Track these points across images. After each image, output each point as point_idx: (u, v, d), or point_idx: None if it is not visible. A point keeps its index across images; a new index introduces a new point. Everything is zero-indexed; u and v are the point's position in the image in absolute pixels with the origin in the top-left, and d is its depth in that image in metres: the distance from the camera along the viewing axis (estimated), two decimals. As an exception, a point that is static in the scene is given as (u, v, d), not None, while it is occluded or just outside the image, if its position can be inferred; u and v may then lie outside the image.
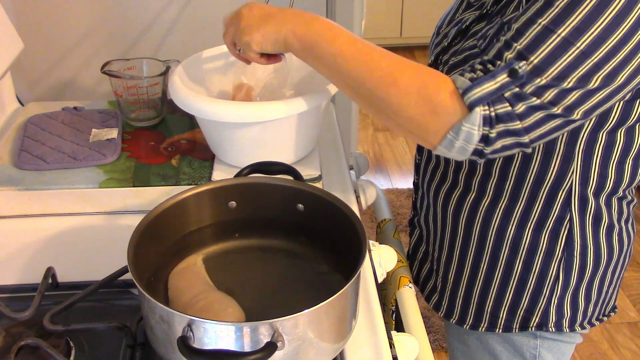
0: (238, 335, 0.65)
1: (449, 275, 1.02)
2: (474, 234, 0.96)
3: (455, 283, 1.02)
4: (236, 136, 1.00)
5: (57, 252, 0.96)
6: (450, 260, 1.01)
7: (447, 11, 1.03)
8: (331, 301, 0.67)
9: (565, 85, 0.73)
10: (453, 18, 0.98)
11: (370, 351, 0.78)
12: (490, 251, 0.95)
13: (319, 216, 0.83)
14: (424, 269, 1.10)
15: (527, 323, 0.97)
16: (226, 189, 0.86)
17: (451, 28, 0.96)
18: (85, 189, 1.01)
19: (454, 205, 0.97)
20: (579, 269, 0.93)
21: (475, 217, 0.95)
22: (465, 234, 0.97)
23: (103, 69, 1.15)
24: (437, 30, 1.02)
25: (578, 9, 0.72)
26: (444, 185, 0.98)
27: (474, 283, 0.99)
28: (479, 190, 0.94)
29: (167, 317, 0.66)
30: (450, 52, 0.91)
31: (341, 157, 1.14)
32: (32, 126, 1.15)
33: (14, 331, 0.78)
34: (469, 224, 0.96)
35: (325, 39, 0.83)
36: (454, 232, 0.99)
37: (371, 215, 2.46)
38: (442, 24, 1.00)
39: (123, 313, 0.84)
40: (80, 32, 1.30)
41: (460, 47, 0.90)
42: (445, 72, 0.86)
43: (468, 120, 0.75)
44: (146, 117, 1.18)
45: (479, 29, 0.87)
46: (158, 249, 0.81)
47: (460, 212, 0.96)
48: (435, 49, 0.98)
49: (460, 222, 0.97)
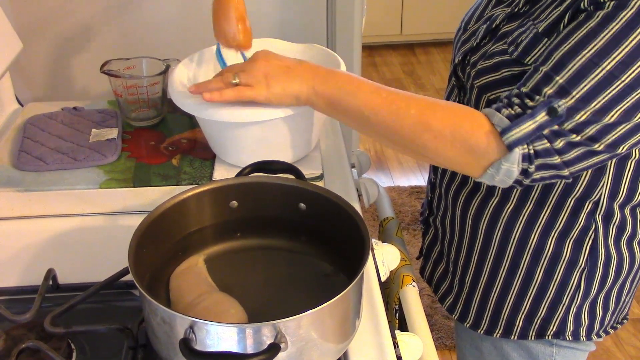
0: (240, 336, 0.64)
1: (466, 278, 1.00)
2: (495, 239, 0.94)
3: (472, 287, 1.00)
4: (237, 135, 0.99)
5: (57, 253, 0.96)
6: (468, 264, 0.99)
7: (474, 5, 0.99)
8: (334, 301, 0.66)
9: (608, 120, 0.72)
10: (482, 14, 0.94)
11: (374, 351, 0.77)
12: (510, 257, 0.93)
13: (321, 215, 0.83)
14: (439, 270, 1.08)
15: (544, 331, 0.95)
16: (227, 188, 0.85)
17: (480, 25, 0.92)
18: (85, 190, 1.00)
19: (474, 209, 0.95)
20: (600, 279, 0.91)
21: (496, 223, 0.93)
22: (485, 239, 0.95)
23: (102, 69, 1.14)
24: (464, 26, 0.98)
25: (625, 41, 0.70)
26: (464, 188, 0.96)
27: (491, 288, 0.97)
28: (503, 196, 0.91)
29: (169, 318, 0.66)
30: (479, 53, 0.88)
31: (343, 156, 1.13)
32: (32, 127, 1.14)
33: (15, 334, 0.78)
34: (489, 228, 0.94)
35: (348, 93, 0.82)
36: (474, 235, 0.96)
37: (373, 213, 2.45)
38: (470, 20, 0.96)
39: (124, 315, 0.84)
40: (79, 31, 1.30)
41: (489, 48, 0.87)
42: (473, 75, 0.88)
43: (507, 159, 0.75)
44: (146, 117, 1.17)
45: (510, 30, 0.84)
46: (159, 249, 0.80)
47: (481, 216, 0.94)
48: (462, 46, 0.95)
49: (481, 226, 0.95)
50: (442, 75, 3.77)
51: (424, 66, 3.89)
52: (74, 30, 1.30)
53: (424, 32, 4.02)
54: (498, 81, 0.84)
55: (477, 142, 0.76)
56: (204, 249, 0.83)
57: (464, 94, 0.93)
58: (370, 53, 3.92)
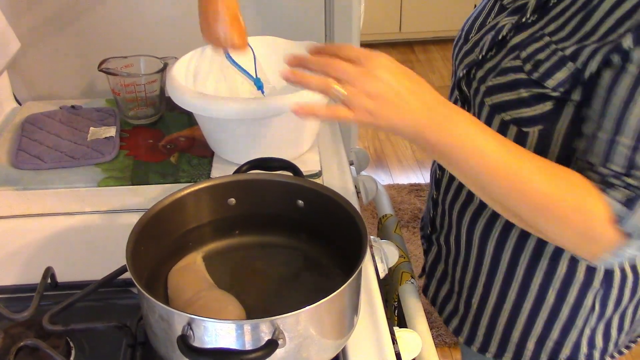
0: (239, 333, 0.64)
1: (473, 299, 0.96)
2: (503, 261, 0.89)
3: (480, 309, 0.95)
4: (235, 133, 0.99)
5: (55, 251, 0.96)
6: (475, 285, 0.94)
7: (474, 12, 0.93)
8: (332, 298, 0.66)
9: None
10: (484, 23, 0.88)
11: (373, 347, 0.77)
12: (520, 279, 0.88)
13: (320, 212, 0.82)
14: (443, 289, 1.04)
15: (556, 355, 0.91)
16: (225, 185, 0.85)
17: (483, 35, 0.86)
18: (83, 188, 1.00)
19: (481, 228, 0.90)
20: (615, 300, 0.87)
21: (505, 243, 0.88)
22: (493, 260, 0.90)
23: (100, 67, 1.14)
24: (464, 35, 0.91)
25: None
26: (470, 206, 0.91)
27: (500, 310, 0.92)
28: None
29: (167, 315, 0.66)
30: (487, 67, 0.82)
31: (341, 153, 1.13)
32: (30, 125, 1.14)
33: (13, 332, 0.78)
34: (497, 249, 0.89)
35: (466, 152, 0.68)
36: (480, 255, 0.92)
37: (372, 211, 2.45)
38: (471, 29, 0.90)
39: (123, 312, 0.84)
40: (77, 30, 1.30)
41: (499, 63, 0.80)
42: (483, 92, 0.81)
43: (630, 246, 0.70)
44: (144, 115, 1.17)
45: (521, 44, 0.78)
46: (157, 247, 0.80)
47: (489, 236, 0.89)
48: (464, 58, 0.89)
49: (488, 246, 0.90)
50: (441, 74, 3.77)
51: (423, 64, 3.88)
52: (72, 28, 1.30)
53: (423, 30, 4.02)
54: (514, 102, 0.78)
55: (600, 230, 0.70)
56: (202, 247, 0.83)
57: (468, 108, 0.87)
58: (369, 51, 3.92)
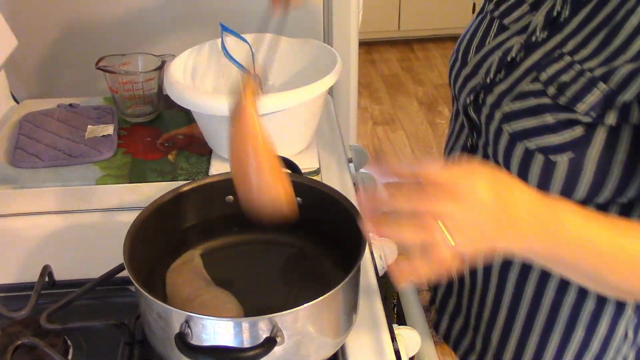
0: (237, 331, 0.64)
1: (492, 336, 0.89)
2: (526, 293, 0.83)
3: (501, 345, 0.88)
4: (233, 130, 0.99)
5: (53, 250, 0.95)
6: (494, 320, 0.88)
7: (467, 32, 0.87)
8: (331, 295, 0.66)
9: None
10: (483, 44, 0.82)
11: (372, 345, 0.77)
12: (546, 314, 0.82)
13: (318, 209, 0.82)
14: (456, 325, 0.98)
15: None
16: (224, 183, 0.84)
17: (485, 57, 0.80)
18: (81, 186, 1.00)
19: (500, 260, 0.83)
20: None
21: (528, 275, 0.82)
22: (515, 293, 0.84)
23: (98, 65, 1.14)
24: (461, 57, 0.85)
25: None
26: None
27: (524, 347, 0.86)
28: None
29: (165, 313, 0.65)
30: (498, 91, 0.76)
31: (340, 150, 1.12)
32: (27, 124, 1.14)
33: (11, 330, 0.78)
34: (519, 286, 0.83)
35: (586, 250, 0.61)
36: (500, 289, 0.85)
37: (371, 209, 2.44)
38: (468, 50, 0.84)
39: (121, 311, 0.83)
40: (75, 28, 1.29)
41: (514, 86, 0.74)
42: (500, 118, 0.74)
43: None
44: (142, 113, 1.17)
45: (536, 64, 0.73)
46: (155, 245, 0.80)
47: (510, 268, 0.83)
48: (466, 82, 0.83)
49: (509, 278, 0.84)
50: (440, 72, 3.76)
51: (422, 62, 3.88)
52: (69, 26, 1.30)
53: (422, 28, 4.02)
54: (539, 128, 0.71)
55: None
56: (200, 244, 0.83)
57: (477, 134, 0.82)
58: (367, 49, 3.92)
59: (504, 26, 0.80)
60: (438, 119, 3.32)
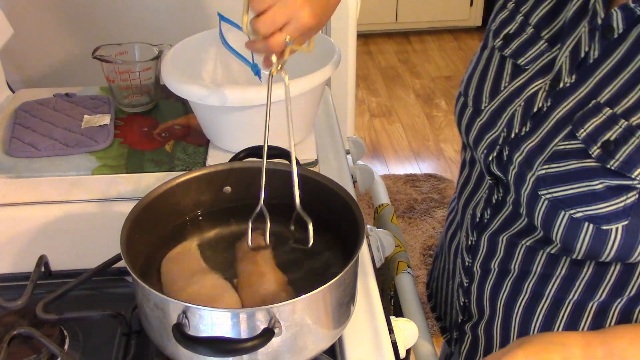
0: (234, 321, 0.63)
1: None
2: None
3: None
4: (231, 120, 0.98)
5: (49, 240, 0.95)
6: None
7: (473, 71, 0.78)
8: (329, 286, 0.66)
9: None
10: (497, 88, 0.73)
11: (370, 337, 0.77)
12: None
13: (316, 200, 0.82)
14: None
15: None
16: (221, 173, 0.84)
17: (503, 105, 0.72)
18: (77, 176, 0.99)
19: (542, 317, 0.78)
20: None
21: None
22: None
23: (94, 54, 1.13)
24: (473, 103, 0.76)
25: None
26: (520, 296, 0.79)
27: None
28: (577, 306, 0.74)
29: (162, 304, 0.65)
30: (526, 148, 0.68)
31: (338, 141, 1.12)
32: (23, 113, 1.13)
33: (6, 320, 0.77)
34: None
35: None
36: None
37: (368, 201, 2.45)
38: (479, 95, 0.75)
39: (117, 301, 0.83)
40: (71, 16, 1.28)
41: (546, 143, 0.66)
42: (534, 183, 0.66)
43: None
44: (139, 103, 1.16)
45: (568, 116, 0.65)
46: (152, 235, 0.79)
47: (553, 322, 0.77)
48: (483, 134, 0.74)
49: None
50: (437, 64, 3.76)
51: (419, 54, 3.88)
52: (66, 15, 1.29)
53: (419, 21, 4.01)
54: (586, 197, 0.63)
55: None
56: (198, 234, 0.83)
57: (504, 190, 0.74)
58: (365, 41, 3.91)
59: (519, 67, 0.72)
60: (435, 112, 3.31)
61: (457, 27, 4.10)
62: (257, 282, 0.73)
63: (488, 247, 0.79)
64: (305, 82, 0.94)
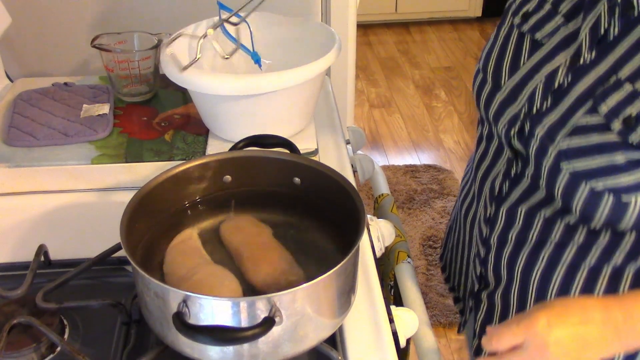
0: (235, 310, 0.63)
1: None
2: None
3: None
4: (230, 110, 0.98)
5: (49, 229, 0.95)
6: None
7: (492, 46, 0.80)
8: (329, 275, 0.66)
9: None
10: (516, 64, 0.75)
11: (370, 326, 0.77)
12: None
13: (316, 189, 0.82)
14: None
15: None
16: (221, 162, 0.84)
17: (523, 81, 0.74)
18: (77, 166, 0.99)
19: (559, 279, 0.79)
20: None
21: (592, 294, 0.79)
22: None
23: (93, 43, 1.12)
24: (492, 78, 0.78)
25: None
26: (538, 263, 0.80)
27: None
28: (614, 274, 0.75)
29: (162, 293, 0.65)
30: (548, 122, 0.70)
31: (338, 131, 1.12)
32: (22, 102, 1.12)
33: (6, 310, 0.77)
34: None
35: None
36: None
37: (367, 191, 2.44)
38: (499, 71, 0.77)
39: (117, 290, 0.83)
40: (70, 5, 1.27)
41: (567, 118, 0.68)
42: (556, 156, 0.69)
43: None
44: (138, 92, 1.16)
45: (589, 92, 0.67)
46: (152, 224, 0.79)
47: (571, 284, 0.78)
48: (503, 110, 0.76)
49: (571, 296, 0.79)
50: (437, 54, 3.75)
51: (418, 45, 3.86)
52: (64, 3, 1.28)
53: (419, 11, 3.99)
54: (607, 168, 0.66)
55: None
56: (198, 223, 0.82)
57: (523, 163, 0.76)
58: (365, 32, 3.90)
59: (537, 42, 0.74)
60: (434, 102, 3.30)
61: (457, 18, 4.09)
62: (262, 255, 0.74)
63: (506, 218, 0.80)
64: (305, 71, 0.94)
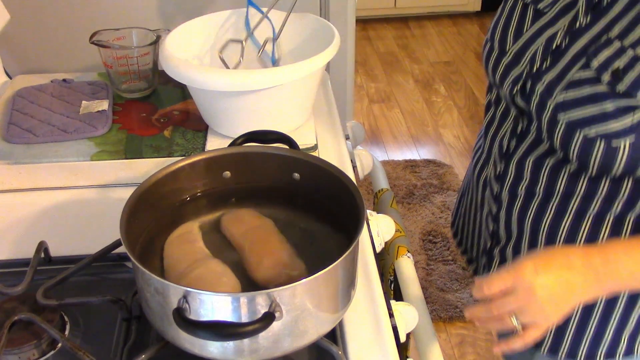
0: (235, 306, 0.63)
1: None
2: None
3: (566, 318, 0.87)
4: (230, 105, 0.98)
5: (49, 226, 0.95)
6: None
7: (499, 18, 0.87)
8: (329, 270, 0.66)
9: None
10: (520, 31, 0.83)
11: (370, 321, 0.77)
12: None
13: (316, 185, 0.82)
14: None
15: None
16: (220, 158, 0.84)
17: (526, 45, 0.81)
18: (76, 162, 0.99)
19: (567, 228, 0.84)
20: None
21: (595, 241, 0.83)
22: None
23: (92, 39, 1.12)
24: (499, 45, 0.86)
25: None
26: (546, 213, 0.85)
27: (590, 316, 0.86)
28: (618, 219, 0.81)
29: (162, 288, 0.65)
30: (546, 79, 0.78)
31: (337, 126, 1.12)
32: (21, 99, 1.12)
33: (7, 306, 0.77)
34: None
35: (636, 283, 0.75)
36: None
37: (367, 187, 2.44)
38: (504, 39, 0.85)
39: (118, 287, 0.83)
40: (68, 1, 1.27)
41: (563, 74, 0.76)
42: (554, 107, 0.77)
43: None
44: (137, 89, 1.16)
45: (583, 50, 0.75)
46: (151, 220, 0.79)
47: (576, 233, 0.83)
48: (508, 71, 0.84)
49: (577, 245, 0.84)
50: (436, 49, 3.74)
51: (418, 40, 3.85)
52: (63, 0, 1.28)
53: (418, 5, 3.99)
54: (598, 116, 0.73)
55: None
56: (198, 219, 0.82)
57: (529, 122, 0.83)
58: (364, 27, 3.89)
59: (540, 12, 0.81)
60: (434, 97, 3.30)
61: (456, 12, 4.08)
62: (263, 248, 0.75)
63: (515, 172, 0.86)
64: (305, 67, 0.94)
